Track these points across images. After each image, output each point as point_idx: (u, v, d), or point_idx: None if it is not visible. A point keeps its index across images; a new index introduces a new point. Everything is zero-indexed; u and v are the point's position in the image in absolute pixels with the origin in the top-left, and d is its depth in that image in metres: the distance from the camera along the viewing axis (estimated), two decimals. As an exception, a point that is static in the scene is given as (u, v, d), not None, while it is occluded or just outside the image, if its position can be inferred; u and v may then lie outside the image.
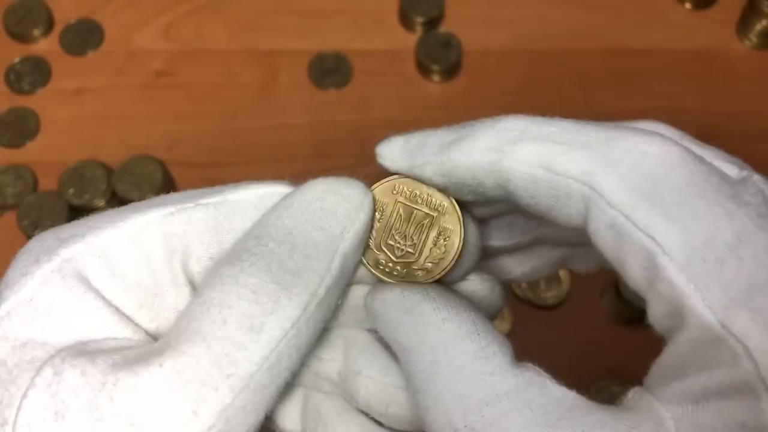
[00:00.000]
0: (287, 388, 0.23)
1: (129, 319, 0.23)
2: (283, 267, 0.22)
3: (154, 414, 0.20)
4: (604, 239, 0.21)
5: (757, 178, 0.21)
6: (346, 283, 0.24)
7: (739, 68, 0.53)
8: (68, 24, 0.55)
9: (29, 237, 0.48)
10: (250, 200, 0.24)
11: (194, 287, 0.24)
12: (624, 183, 0.20)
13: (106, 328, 0.22)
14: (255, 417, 0.21)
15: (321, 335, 0.24)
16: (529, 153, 0.21)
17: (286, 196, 0.24)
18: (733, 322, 0.18)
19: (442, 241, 0.24)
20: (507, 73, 0.53)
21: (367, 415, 0.24)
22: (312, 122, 0.52)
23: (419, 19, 0.54)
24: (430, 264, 0.24)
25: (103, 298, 0.23)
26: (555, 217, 0.22)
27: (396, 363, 0.24)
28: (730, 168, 0.21)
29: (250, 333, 0.21)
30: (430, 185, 0.24)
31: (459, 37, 0.53)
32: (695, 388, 0.19)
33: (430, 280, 0.24)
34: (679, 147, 0.21)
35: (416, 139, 0.24)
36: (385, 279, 0.24)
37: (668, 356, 0.20)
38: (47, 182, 0.50)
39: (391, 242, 0.25)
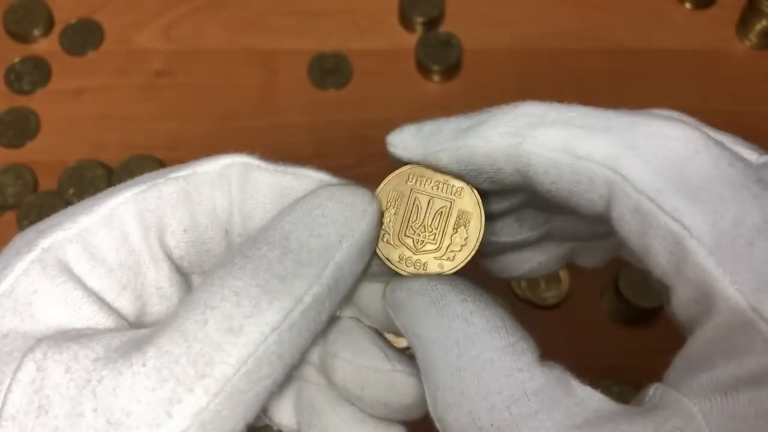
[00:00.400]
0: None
1: (110, 307, 0.23)
2: (270, 271, 0.21)
3: (131, 413, 0.20)
4: (628, 224, 0.20)
5: None
6: (342, 294, 0.23)
7: (739, 68, 0.53)
8: (68, 24, 0.55)
9: (29, 237, 0.48)
10: (217, 170, 0.24)
11: (172, 262, 0.24)
12: (649, 167, 0.20)
13: (87, 316, 0.22)
14: (232, 425, 0.21)
15: None
16: (550, 137, 0.21)
17: (293, 201, 0.24)
18: (764, 306, 0.18)
19: (462, 226, 0.24)
20: (507, 73, 0.53)
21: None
22: (312, 122, 0.52)
23: (419, 19, 0.54)
24: (453, 252, 0.24)
25: (85, 286, 0.23)
26: (576, 202, 0.22)
27: (374, 345, 0.23)
28: (750, 153, 0.21)
29: (228, 335, 0.20)
30: (444, 172, 0.24)
31: (459, 37, 0.53)
32: (723, 379, 0.19)
33: (454, 270, 0.24)
34: (700, 132, 0.20)
35: (429, 126, 0.24)
36: (405, 272, 0.24)
37: (693, 347, 0.20)
38: (47, 182, 0.50)
39: (410, 234, 0.24)
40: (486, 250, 0.27)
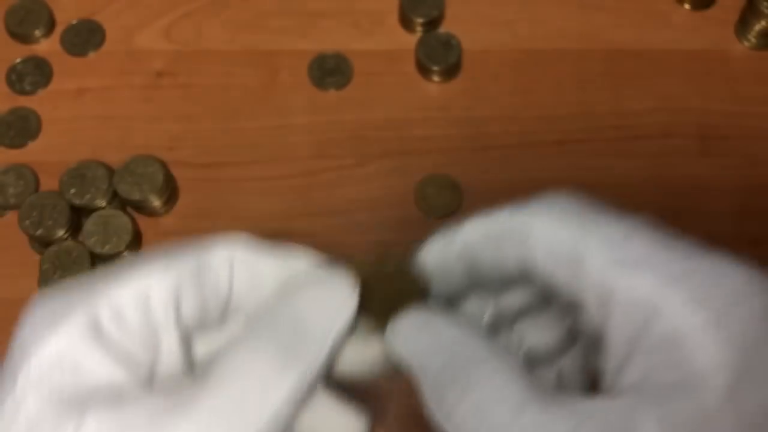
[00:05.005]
0: None
1: (138, 370, 0.25)
2: (283, 346, 0.25)
3: None
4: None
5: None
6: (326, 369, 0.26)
7: (739, 68, 0.53)
8: (69, 24, 0.55)
9: (30, 237, 0.48)
10: (224, 255, 0.27)
11: (181, 330, 0.27)
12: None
13: (123, 379, 0.24)
14: None
15: None
16: None
17: (292, 289, 0.27)
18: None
19: None
20: (507, 73, 0.53)
21: None
22: (312, 122, 0.52)
23: (419, 20, 0.54)
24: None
25: (117, 351, 0.25)
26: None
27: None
28: (616, 220, 0.25)
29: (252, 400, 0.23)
30: None
31: (459, 37, 0.53)
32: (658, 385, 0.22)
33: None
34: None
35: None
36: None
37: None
38: (48, 182, 0.50)
39: None
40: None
